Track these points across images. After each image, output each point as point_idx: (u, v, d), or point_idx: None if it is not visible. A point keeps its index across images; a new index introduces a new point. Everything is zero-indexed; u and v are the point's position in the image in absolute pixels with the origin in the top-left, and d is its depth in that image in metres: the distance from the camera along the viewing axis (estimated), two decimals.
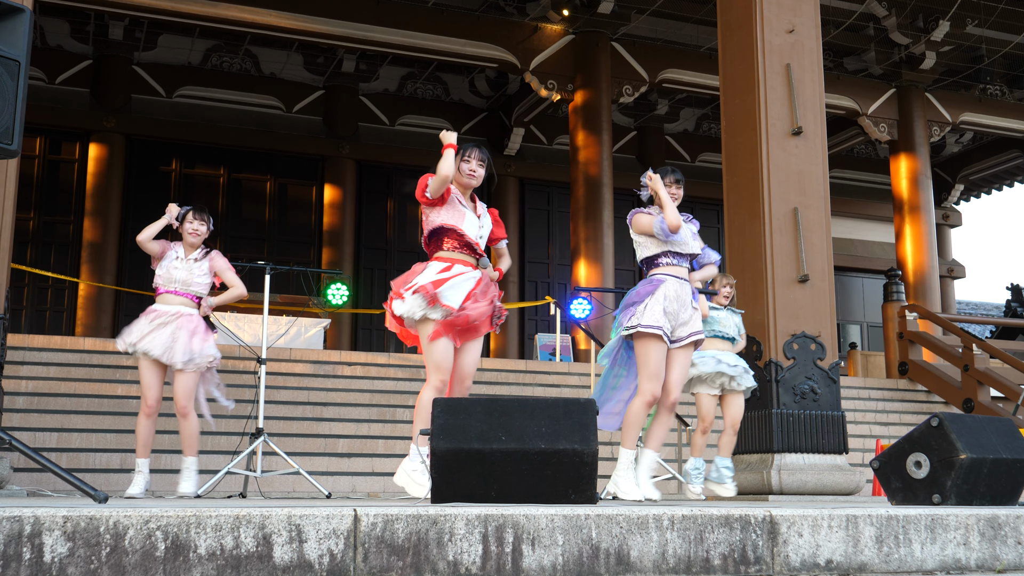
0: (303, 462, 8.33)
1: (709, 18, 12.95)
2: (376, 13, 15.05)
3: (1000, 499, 4.70)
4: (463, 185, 5.15)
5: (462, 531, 2.95)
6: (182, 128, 17.18)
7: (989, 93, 18.78)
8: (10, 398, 9.23)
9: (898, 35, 16.99)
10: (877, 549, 3.40)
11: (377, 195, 18.52)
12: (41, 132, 16.48)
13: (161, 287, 6.44)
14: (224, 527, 2.73)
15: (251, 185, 18.00)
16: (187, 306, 6.47)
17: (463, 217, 5.07)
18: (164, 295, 6.43)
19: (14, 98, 3.81)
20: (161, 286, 6.44)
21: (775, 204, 8.23)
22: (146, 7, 13.86)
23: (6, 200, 6.56)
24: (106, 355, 10.79)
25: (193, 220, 6.49)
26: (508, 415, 3.76)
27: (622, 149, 19.67)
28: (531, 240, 19.36)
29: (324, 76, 18.15)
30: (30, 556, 2.58)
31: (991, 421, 4.86)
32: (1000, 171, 22.06)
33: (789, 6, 8.64)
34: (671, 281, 5.35)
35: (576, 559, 3.04)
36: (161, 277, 6.44)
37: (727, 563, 3.20)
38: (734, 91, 8.72)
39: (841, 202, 18.70)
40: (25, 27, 3.89)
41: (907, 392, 14.13)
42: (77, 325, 15.85)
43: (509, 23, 15.92)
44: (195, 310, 6.50)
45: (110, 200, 16.42)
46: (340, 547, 2.83)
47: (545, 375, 12.37)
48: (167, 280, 6.43)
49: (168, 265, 6.44)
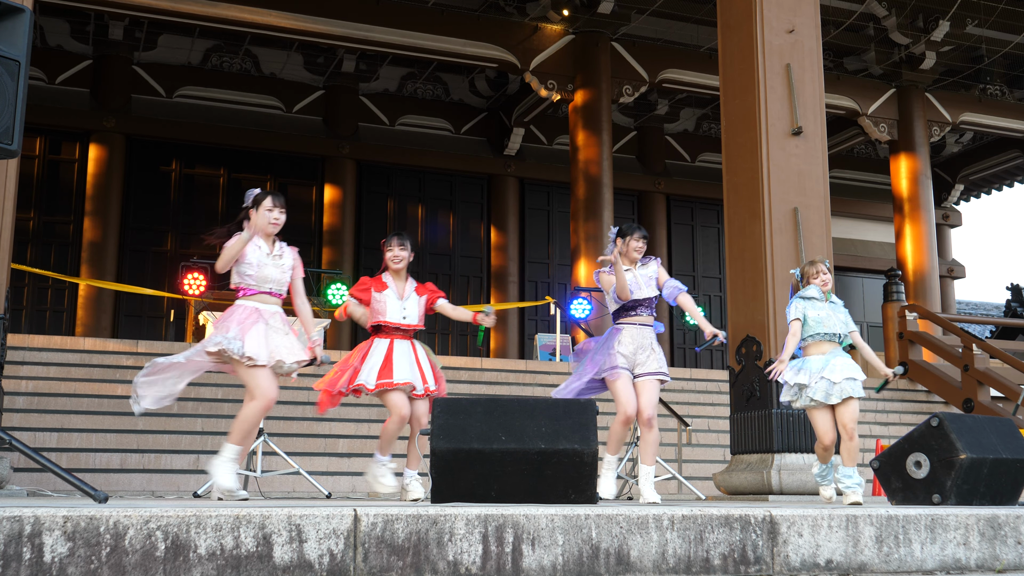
0: (303, 462, 8.33)
1: (709, 18, 12.95)
2: (376, 13, 15.06)
3: (1000, 499, 4.70)
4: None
5: (462, 531, 2.95)
6: (182, 128, 17.17)
7: (989, 93, 18.78)
8: (10, 398, 9.23)
9: (898, 35, 16.99)
10: (877, 549, 3.40)
11: (377, 195, 18.52)
12: (41, 132, 16.48)
13: (253, 287, 5.45)
14: (224, 527, 2.73)
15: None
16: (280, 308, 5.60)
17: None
18: (260, 295, 5.45)
19: (14, 98, 3.81)
20: (254, 287, 5.44)
21: (775, 204, 8.23)
22: (146, 7, 13.86)
23: (6, 200, 6.56)
24: (106, 355, 10.80)
25: (273, 208, 5.48)
26: (508, 415, 3.76)
27: (622, 149, 19.67)
28: (531, 240, 19.36)
29: (324, 76, 18.15)
30: (30, 556, 2.58)
31: (991, 421, 4.86)
32: (1000, 171, 22.06)
33: (789, 6, 8.64)
34: (628, 329, 6.13)
35: (576, 559, 3.04)
36: (252, 277, 5.44)
37: (727, 563, 3.20)
38: (734, 91, 8.72)
39: (841, 202, 18.70)
40: (25, 27, 3.89)
41: (907, 392, 14.13)
42: (77, 325, 15.85)
43: (509, 23, 15.92)
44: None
45: (110, 200, 16.42)
46: (340, 547, 2.82)
47: (545, 375, 12.37)
48: (261, 280, 5.45)
49: (258, 262, 5.44)
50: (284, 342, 5.40)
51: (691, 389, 12.65)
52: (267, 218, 5.45)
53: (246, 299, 5.43)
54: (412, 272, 6.43)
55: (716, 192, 11.45)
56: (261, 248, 5.46)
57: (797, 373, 6.22)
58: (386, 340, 6.00)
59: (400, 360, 5.94)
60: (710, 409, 11.99)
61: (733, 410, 8.58)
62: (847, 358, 6.25)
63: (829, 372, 6.11)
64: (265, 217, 5.44)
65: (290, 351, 5.41)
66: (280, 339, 5.39)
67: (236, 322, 5.32)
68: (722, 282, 19.48)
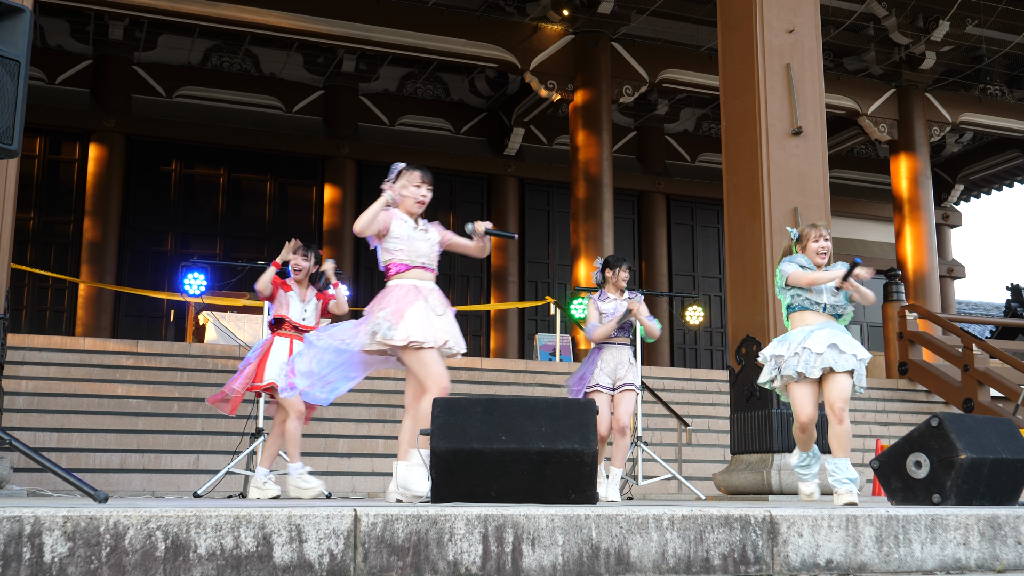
0: (303, 462, 8.31)
1: (709, 18, 12.95)
2: (376, 13, 15.06)
3: (1000, 499, 4.70)
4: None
5: (462, 531, 2.95)
6: (182, 128, 17.17)
7: (989, 93, 18.78)
8: (10, 398, 9.23)
9: (898, 35, 16.99)
10: (877, 549, 3.40)
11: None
12: (41, 132, 16.48)
13: (405, 262, 5.03)
14: (224, 527, 2.73)
15: (251, 185, 18.00)
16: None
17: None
18: (414, 271, 5.04)
19: (14, 98, 3.81)
20: (406, 261, 5.03)
21: (775, 204, 8.23)
22: (146, 7, 13.86)
23: (6, 200, 6.56)
24: (106, 355, 10.80)
25: (421, 184, 5.12)
26: (508, 415, 3.76)
27: (622, 149, 19.67)
28: (531, 240, 19.36)
29: (324, 76, 18.15)
30: (30, 556, 2.58)
31: (991, 421, 4.86)
32: (1000, 171, 22.06)
33: (789, 6, 8.64)
34: (609, 349, 7.08)
35: (576, 559, 3.04)
36: (404, 251, 5.04)
37: (727, 563, 3.20)
38: (734, 91, 8.72)
39: (841, 202, 18.69)
40: (25, 27, 3.89)
41: (907, 392, 14.13)
42: (77, 325, 15.85)
43: (509, 23, 15.92)
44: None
45: (110, 200, 16.42)
46: (340, 547, 2.83)
47: (545, 375, 12.37)
48: (413, 253, 5.05)
49: (407, 235, 5.05)
50: (443, 324, 4.92)
51: (691, 389, 12.65)
52: (414, 195, 5.08)
53: (400, 277, 4.99)
54: None
55: (716, 192, 11.44)
56: (407, 222, 5.07)
57: (776, 346, 5.59)
58: (285, 340, 6.80)
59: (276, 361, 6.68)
60: (710, 409, 11.99)
61: (733, 410, 8.58)
62: (840, 330, 5.49)
63: (812, 342, 5.37)
64: (412, 194, 5.08)
65: (452, 335, 4.92)
66: (439, 321, 4.91)
67: (393, 302, 4.87)
68: (722, 282, 19.48)
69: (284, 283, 7.03)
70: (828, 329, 5.43)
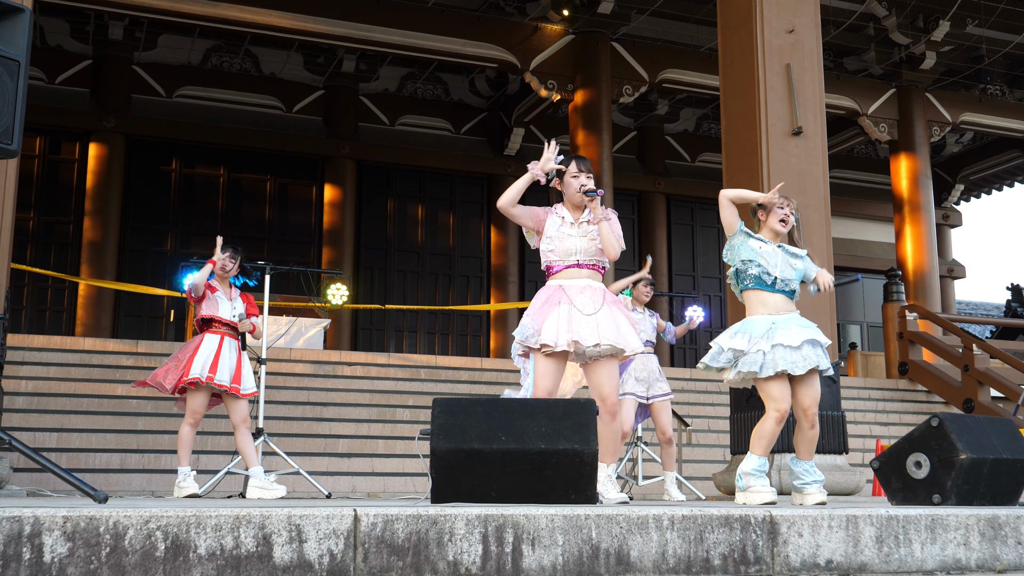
0: (303, 462, 8.32)
1: (709, 18, 12.95)
2: (376, 13, 15.06)
3: (1000, 499, 4.70)
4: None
5: (462, 531, 2.94)
6: (182, 128, 17.17)
7: (989, 93, 18.78)
8: (10, 398, 9.23)
9: (898, 35, 16.98)
10: (877, 549, 3.40)
11: (377, 195, 18.51)
12: (41, 132, 16.48)
13: (557, 263, 4.82)
14: (224, 527, 2.73)
15: (251, 185, 18.00)
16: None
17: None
18: (566, 270, 4.80)
19: (14, 98, 3.81)
20: (557, 262, 4.82)
21: None
22: (146, 7, 13.86)
23: (6, 200, 6.56)
24: (106, 355, 10.80)
25: (579, 173, 4.79)
26: (508, 415, 3.76)
27: (622, 149, 19.66)
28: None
29: (324, 76, 18.15)
30: (30, 556, 2.58)
31: (991, 421, 4.86)
32: (1000, 171, 22.06)
33: (789, 6, 8.64)
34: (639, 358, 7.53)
35: (576, 559, 3.04)
36: (554, 251, 4.81)
37: (727, 563, 3.20)
38: (734, 91, 8.72)
39: (841, 202, 18.69)
40: (25, 27, 3.89)
41: (907, 392, 14.14)
42: (77, 325, 15.85)
43: (509, 23, 15.92)
44: None
45: (110, 200, 16.41)
46: (340, 547, 2.82)
47: None
48: (564, 253, 4.80)
49: (557, 234, 4.80)
50: (588, 323, 4.64)
51: (691, 389, 12.64)
52: (574, 185, 4.76)
53: (553, 278, 4.79)
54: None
55: (716, 192, 11.43)
56: (564, 218, 4.78)
57: (733, 336, 5.00)
58: (216, 337, 6.92)
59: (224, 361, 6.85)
60: (710, 409, 11.99)
61: (733, 410, 8.58)
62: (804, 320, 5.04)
63: (783, 336, 4.87)
64: (572, 185, 4.76)
65: (591, 332, 4.62)
66: (584, 322, 4.63)
67: (537, 305, 4.75)
68: (722, 282, 19.47)
69: (210, 284, 7.09)
70: (792, 319, 4.98)
